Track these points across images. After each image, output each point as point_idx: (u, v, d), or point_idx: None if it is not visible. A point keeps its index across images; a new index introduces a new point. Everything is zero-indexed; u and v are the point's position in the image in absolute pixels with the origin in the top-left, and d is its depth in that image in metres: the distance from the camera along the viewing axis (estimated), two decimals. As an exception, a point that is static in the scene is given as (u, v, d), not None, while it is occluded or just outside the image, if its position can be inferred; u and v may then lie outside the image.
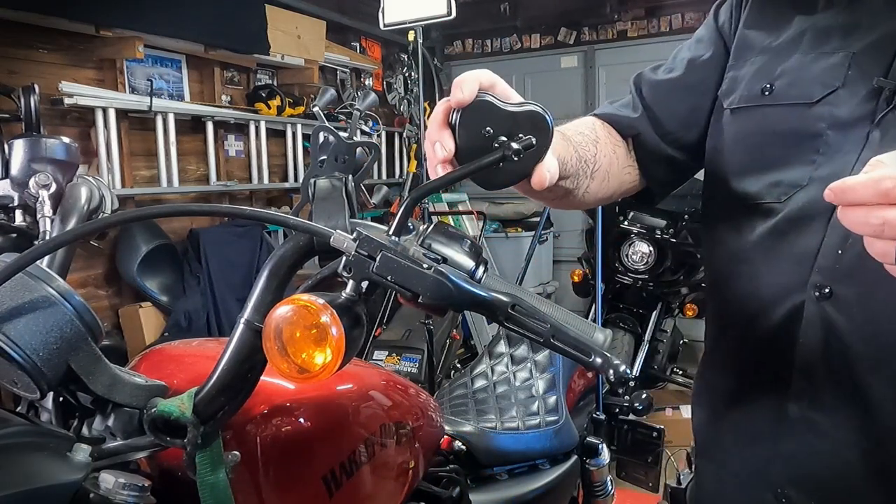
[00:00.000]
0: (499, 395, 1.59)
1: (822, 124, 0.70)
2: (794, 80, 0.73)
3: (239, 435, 0.77)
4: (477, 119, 0.66)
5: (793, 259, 0.69)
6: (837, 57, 0.70)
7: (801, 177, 0.71)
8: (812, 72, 0.71)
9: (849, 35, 0.70)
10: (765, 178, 0.74)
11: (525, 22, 5.04)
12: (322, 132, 0.80)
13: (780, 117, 0.73)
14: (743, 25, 0.83)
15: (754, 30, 0.80)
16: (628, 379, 0.62)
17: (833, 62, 0.70)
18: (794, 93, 0.72)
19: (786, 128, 0.73)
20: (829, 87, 0.69)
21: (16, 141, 0.92)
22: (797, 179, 0.71)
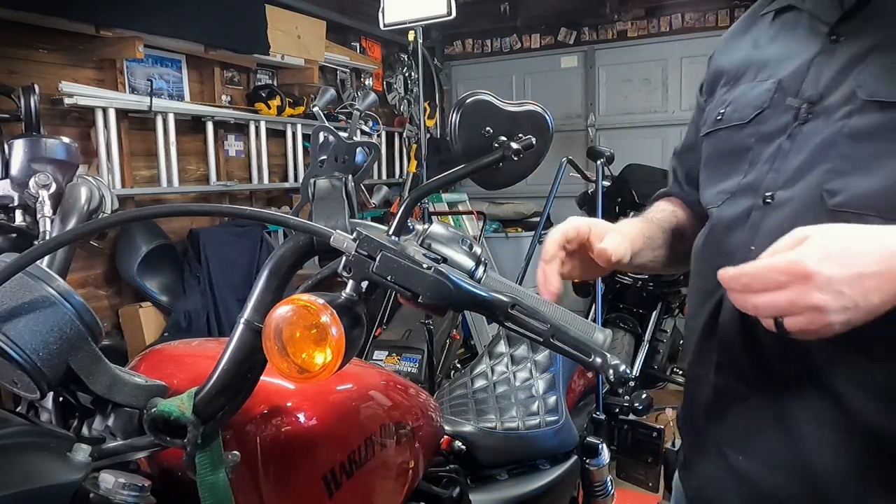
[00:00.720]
0: (499, 395, 1.59)
1: (752, 140, 0.82)
2: (736, 106, 0.85)
3: (239, 435, 0.77)
4: (477, 119, 0.66)
5: (718, 256, 0.79)
6: (768, 83, 0.82)
7: (733, 185, 0.83)
8: (749, 97, 0.84)
9: (780, 64, 0.82)
10: (715, 188, 0.87)
11: (525, 22, 5.04)
12: (322, 132, 0.80)
13: (727, 137, 0.86)
14: (713, 66, 0.97)
15: (720, 68, 0.94)
16: (628, 379, 0.62)
17: (765, 87, 0.82)
18: (736, 116, 0.85)
19: (729, 145, 0.85)
20: (758, 109, 0.81)
21: (16, 141, 0.92)
22: (730, 188, 0.83)
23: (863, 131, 0.70)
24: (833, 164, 0.71)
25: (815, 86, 0.76)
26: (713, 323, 0.82)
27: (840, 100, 0.73)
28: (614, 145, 4.30)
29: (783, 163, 0.76)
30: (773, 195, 0.76)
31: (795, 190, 0.74)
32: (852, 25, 0.74)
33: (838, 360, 0.70)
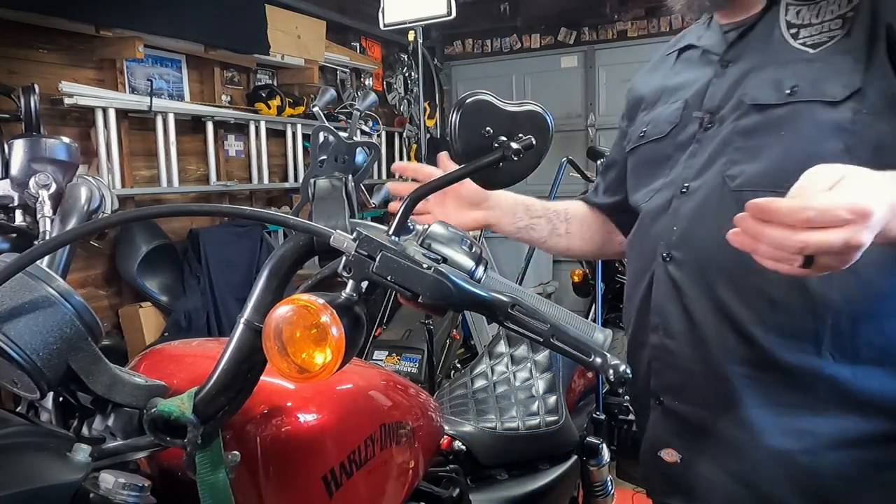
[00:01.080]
0: (499, 395, 1.59)
1: (671, 149, 1.01)
2: (655, 124, 1.05)
3: (239, 435, 0.77)
4: (477, 119, 0.66)
5: (649, 240, 0.99)
6: (678, 103, 1.02)
7: (658, 184, 1.01)
8: (664, 116, 1.03)
9: (685, 88, 1.02)
10: (644, 189, 1.05)
11: (525, 22, 5.05)
12: (322, 132, 0.80)
13: (650, 149, 1.05)
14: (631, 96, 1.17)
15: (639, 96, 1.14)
16: (628, 379, 0.62)
17: (676, 107, 1.02)
18: (655, 132, 1.04)
19: (653, 155, 1.04)
20: (672, 124, 1.01)
21: (16, 141, 0.92)
22: (656, 186, 1.02)
23: (749, 129, 0.89)
24: (730, 156, 0.90)
25: (713, 100, 0.95)
26: (648, 295, 0.98)
27: (731, 108, 0.92)
28: (614, 145, 4.29)
29: (693, 160, 0.96)
30: (688, 186, 0.94)
31: (704, 179, 0.92)
32: (735, 53, 0.95)
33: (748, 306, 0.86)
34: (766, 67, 0.89)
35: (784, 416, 0.86)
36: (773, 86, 0.87)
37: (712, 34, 1.02)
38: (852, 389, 0.82)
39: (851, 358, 0.82)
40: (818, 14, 0.87)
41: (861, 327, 0.82)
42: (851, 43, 0.82)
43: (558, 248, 1.25)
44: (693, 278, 0.91)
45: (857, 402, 0.83)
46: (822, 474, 0.84)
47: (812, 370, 0.83)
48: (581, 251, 1.27)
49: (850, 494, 0.84)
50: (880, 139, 0.80)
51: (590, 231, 1.24)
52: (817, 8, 0.87)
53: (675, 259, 0.93)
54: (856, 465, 0.83)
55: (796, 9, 0.89)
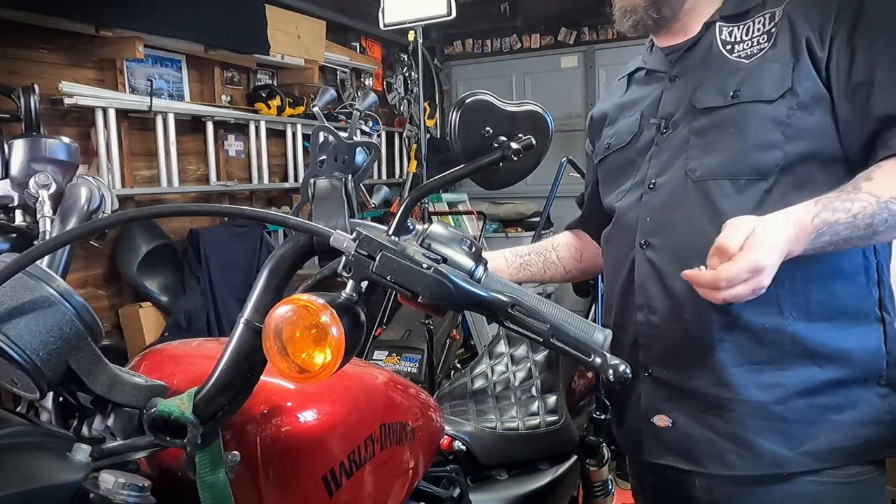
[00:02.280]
0: (499, 395, 1.59)
1: (634, 154, 1.15)
2: (618, 135, 1.20)
3: (239, 435, 0.77)
4: (477, 119, 0.66)
5: (624, 232, 1.13)
6: (635, 115, 1.17)
7: (628, 185, 1.16)
8: (625, 127, 1.19)
9: (639, 103, 1.18)
10: (615, 191, 1.19)
11: (525, 22, 5.05)
12: (322, 132, 0.80)
13: (616, 157, 1.20)
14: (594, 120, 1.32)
15: (600, 116, 1.30)
16: (628, 379, 0.62)
17: (634, 119, 1.17)
18: (618, 141, 1.20)
19: (619, 162, 1.19)
20: (632, 133, 1.17)
21: (16, 141, 0.92)
22: (626, 187, 1.16)
23: (702, 129, 1.05)
24: (689, 153, 1.05)
25: (667, 108, 1.11)
26: (629, 280, 1.11)
27: (683, 113, 1.08)
28: (614, 145, 4.29)
29: (656, 160, 1.10)
30: (655, 182, 1.09)
31: (669, 175, 1.07)
32: (681, 69, 1.12)
33: None
34: (710, 78, 1.06)
35: (757, 372, 1.00)
36: (718, 92, 1.04)
37: (655, 57, 1.19)
38: (809, 343, 0.98)
39: (807, 316, 0.98)
40: (747, 32, 1.06)
41: (812, 287, 0.98)
42: (778, 52, 1.00)
43: (557, 275, 1.37)
44: (669, 259, 1.05)
45: (813, 354, 0.98)
46: (791, 419, 0.98)
47: (777, 329, 0.98)
48: (580, 271, 1.39)
49: (811, 434, 0.98)
50: (812, 128, 0.97)
51: (578, 250, 1.38)
52: (745, 27, 1.06)
53: (652, 245, 1.08)
54: (815, 409, 0.98)
55: (728, 29, 1.08)
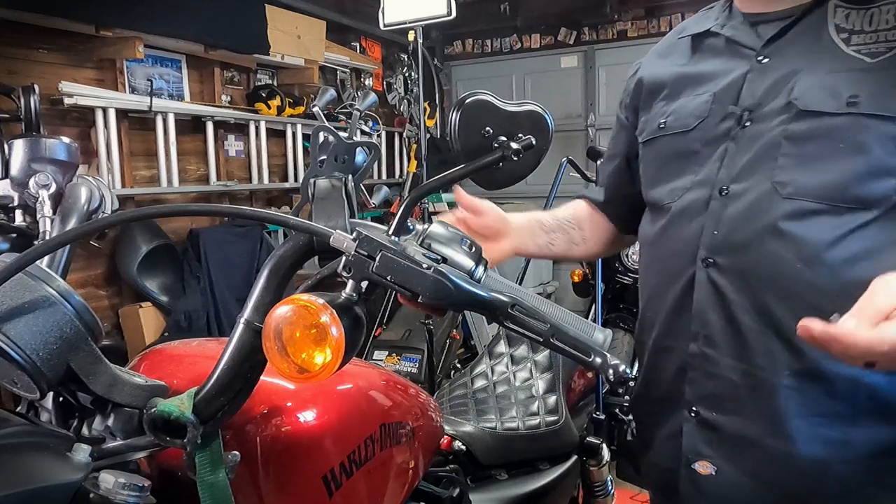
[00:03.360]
0: (499, 395, 1.59)
1: (698, 144, 0.95)
2: (678, 116, 0.98)
3: (239, 435, 0.77)
4: (477, 119, 0.66)
5: (682, 242, 0.94)
6: (705, 96, 0.96)
7: (686, 182, 0.96)
8: (689, 108, 0.97)
9: (711, 80, 0.96)
10: (666, 186, 0.99)
11: (525, 22, 5.04)
12: (322, 132, 0.80)
13: (671, 143, 0.99)
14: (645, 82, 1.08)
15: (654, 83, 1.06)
16: (628, 379, 0.62)
17: (702, 100, 0.96)
18: (678, 124, 0.98)
19: (675, 150, 0.98)
20: (699, 118, 0.95)
21: (16, 141, 0.92)
22: (684, 184, 0.96)
23: (800, 135, 0.84)
24: (779, 161, 0.86)
25: (752, 97, 0.90)
26: (682, 301, 0.94)
27: (777, 108, 0.87)
28: (614, 145, 4.29)
29: (732, 160, 0.91)
30: (728, 188, 0.90)
31: (749, 183, 0.88)
32: (775, 49, 0.90)
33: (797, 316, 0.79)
34: (816, 71, 0.84)
35: (823, 426, 0.85)
36: (828, 93, 0.82)
37: (737, 24, 0.95)
38: (888, 398, 0.83)
39: None
40: (870, 22, 0.83)
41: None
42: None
43: (578, 256, 1.23)
44: (739, 286, 0.88)
45: (890, 411, 0.83)
46: (856, 482, 0.85)
47: (853, 379, 0.82)
48: (597, 252, 1.25)
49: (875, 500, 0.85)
50: None
51: (600, 231, 1.20)
52: (868, 15, 0.83)
53: (719, 265, 0.89)
54: (883, 473, 0.84)
55: (845, 12, 0.84)
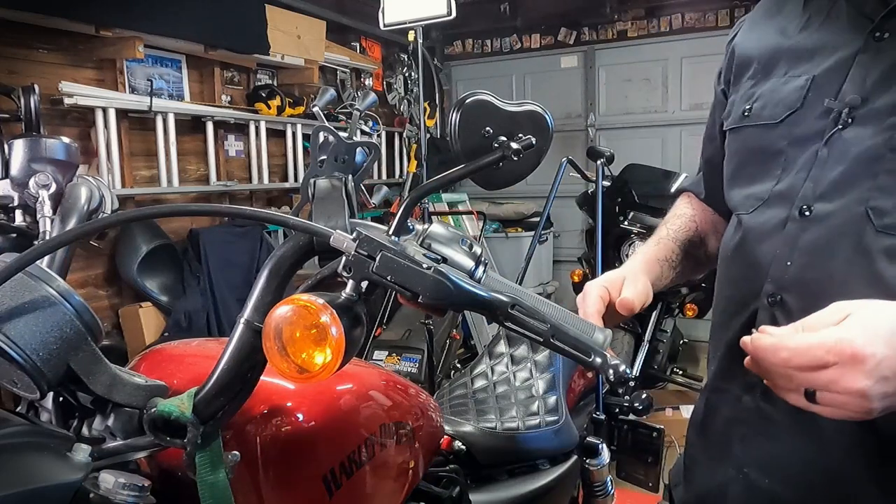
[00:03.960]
0: (499, 395, 1.59)
1: (784, 142, 0.76)
2: (766, 102, 0.79)
3: (239, 435, 0.77)
4: (477, 119, 0.66)
5: (751, 268, 0.77)
6: (801, 80, 0.75)
7: (764, 191, 0.78)
8: (780, 94, 0.77)
9: (813, 57, 0.75)
10: (743, 191, 0.82)
11: (525, 22, 5.04)
12: (322, 132, 0.80)
13: (755, 136, 0.80)
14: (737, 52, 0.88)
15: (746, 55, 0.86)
16: (628, 379, 0.62)
17: (797, 84, 0.75)
18: (766, 114, 0.78)
19: (758, 145, 0.79)
20: (790, 108, 0.75)
21: (16, 141, 0.92)
22: (761, 194, 0.78)
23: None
24: (880, 179, 0.66)
25: (859, 87, 0.69)
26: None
27: (889, 106, 0.66)
28: (614, 145, 4.30)
29: (821, 171, 0.71)
30: (811, 207, 0.71)
31: (836, 204, 0.69)
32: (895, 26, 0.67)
33: None
34: None
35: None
36: None
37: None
38: None
39: None
40: None
41: None
42: None
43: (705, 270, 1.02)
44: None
45: None
46: None
47: None
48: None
49: None
50: None
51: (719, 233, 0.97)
52: None
53: (787, 305, 0.72)
54: None
55: None
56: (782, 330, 0.59)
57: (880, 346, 0.54)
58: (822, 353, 0.55)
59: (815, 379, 0.56)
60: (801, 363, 0.56)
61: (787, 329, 0.59)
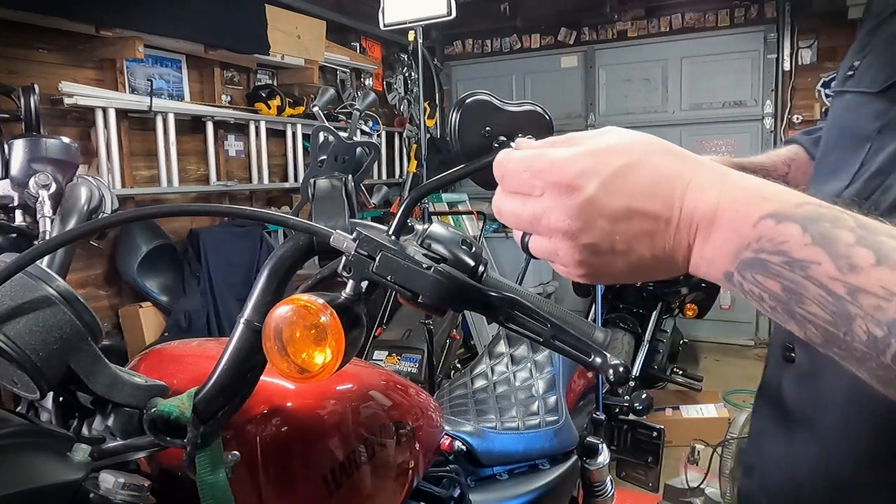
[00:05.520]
0: (499, 395, 1.59)
1: (877, 123, 0.53)
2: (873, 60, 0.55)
3: (239, 435, 0.77)
4: (477, 119, 0.66)
5: None
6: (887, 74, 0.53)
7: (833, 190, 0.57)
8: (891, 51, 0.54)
9: None
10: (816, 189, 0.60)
11: (525, 22, 5.05)
12: (322, 132, 0.80)
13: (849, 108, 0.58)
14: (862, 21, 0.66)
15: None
16: (628, 379, 0.61)
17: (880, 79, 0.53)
18: (868, 78, 0.56)
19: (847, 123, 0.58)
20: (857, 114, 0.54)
21: (16, 141, 0.92)
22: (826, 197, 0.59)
23: None
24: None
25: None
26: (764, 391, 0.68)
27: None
28: (614, 145, 4.29)
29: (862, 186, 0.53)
30: None
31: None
32: None
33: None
34: None
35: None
36: None
37: None
38: None
39: None
40: None
41: None
42: None
43: None
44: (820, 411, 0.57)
45: None
46: None
47: None
48: None
49: None
50: None
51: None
52: None
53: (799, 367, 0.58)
54: None
55: None
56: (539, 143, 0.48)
57: (594, 183, 0.42)
58: (529, 175, 0.44)
59: (519, 211, 0.45)
60: (511, 186, 0.46)
61: (545, 142, 0.48)
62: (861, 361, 0.37)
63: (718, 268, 0.42)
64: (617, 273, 0.44)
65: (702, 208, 0.41)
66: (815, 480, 0.62)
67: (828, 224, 0.38)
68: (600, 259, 0.43)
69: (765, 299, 0.40)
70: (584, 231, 0.42)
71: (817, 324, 0.38)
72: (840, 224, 0.38)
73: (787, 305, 0.39)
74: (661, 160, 0.43)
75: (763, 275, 0.39)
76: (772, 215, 0.39)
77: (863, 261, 0.36)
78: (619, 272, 0.44)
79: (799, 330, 0.39)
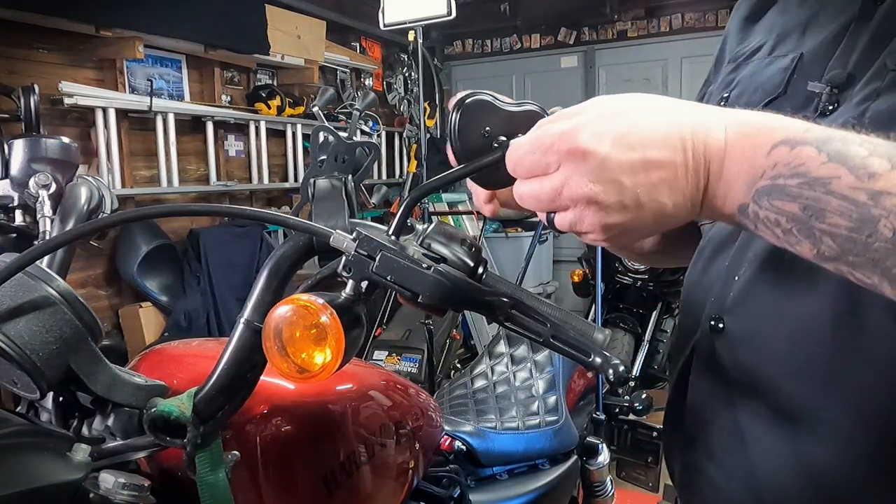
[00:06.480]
0: (499, 395, 1.59)
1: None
2: (744, 89, 0.66)
3: (239, 435, 0.77)
4: (476, 119, 0.66)
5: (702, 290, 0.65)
6: (786, 59, 0.62)
7: None
8: (760, 78, 0.64)
9: (805, 32, 0.62)
10: None
11: (525, 22, 5.04)
12: (322, 132, 0.80)
13: None
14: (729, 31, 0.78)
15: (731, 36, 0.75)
16: (628, 379, 0.61)
17: (781, 66, 0.62)
18: (742, 102, 0.65)
19: None
20: (770, 95, 0.62)
21: (16, 141, 0.92)
22: None
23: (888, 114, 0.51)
24: None
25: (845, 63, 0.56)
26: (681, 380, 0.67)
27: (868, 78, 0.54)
28: (614, 145, 4.29)
29: None
30: None
31: None
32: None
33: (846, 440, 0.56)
34: None
35: None
36: None
37: None
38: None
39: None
40: None
41: None
42: None
43: None
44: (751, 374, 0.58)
45: None
46: None
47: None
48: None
49: None
50: None
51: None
52: None
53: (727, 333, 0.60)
54: None
55: None
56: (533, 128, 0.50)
57: (606, 142, 0.44)
58: (541, 154, 0.46)
59: (539, 192, 0.46)
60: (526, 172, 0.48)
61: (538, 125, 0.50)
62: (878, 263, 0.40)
63: (733, 201, 0.45)
64: (642, 228, 0.46)
65: (712, 146, 0.45)
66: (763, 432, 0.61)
67: (838, 143, 0.42)
68: (625, 216, 0.45)
69: (781, 223, 0.43)
70: (606, 191, 0.44)
71: (837, 234, 0.41)
72: (849, 142, 0.42)
73: (805, 224, 0.42)
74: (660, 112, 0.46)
75: (781, 199, 0.42)
76: (784, 142, 0.43)
77: (880, 168, 0.40)
78: (643, 227, 0.46)
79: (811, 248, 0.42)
